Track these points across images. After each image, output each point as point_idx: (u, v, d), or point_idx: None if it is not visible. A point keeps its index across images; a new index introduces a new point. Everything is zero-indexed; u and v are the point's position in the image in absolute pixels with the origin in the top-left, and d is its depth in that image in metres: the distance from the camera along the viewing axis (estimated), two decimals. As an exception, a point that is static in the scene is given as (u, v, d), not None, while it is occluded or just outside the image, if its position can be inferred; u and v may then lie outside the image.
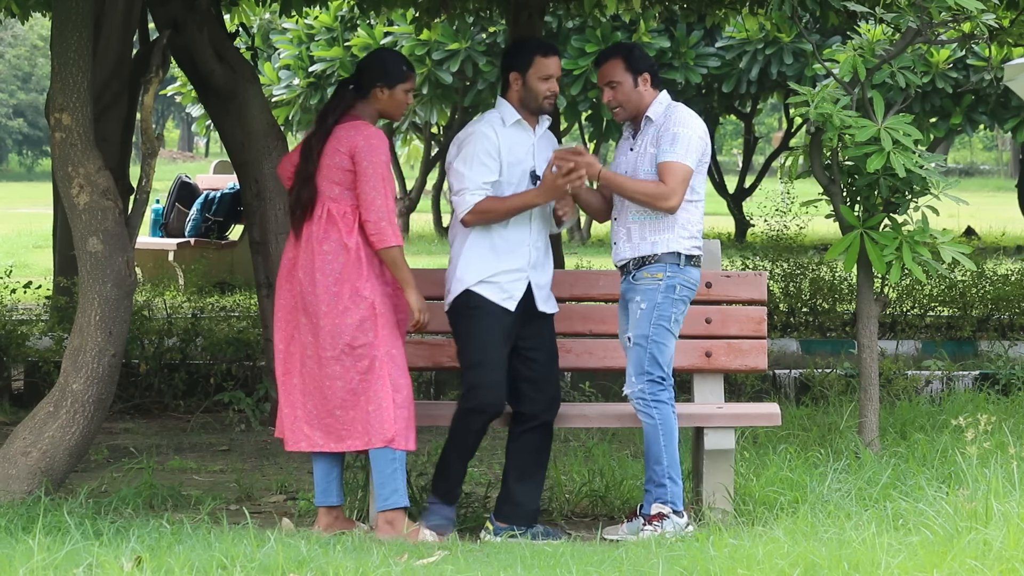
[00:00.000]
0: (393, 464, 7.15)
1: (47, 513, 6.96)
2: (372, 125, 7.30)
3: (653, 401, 7.22)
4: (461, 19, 18.80)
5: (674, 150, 7.22)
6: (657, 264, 7.27)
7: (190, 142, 72.10)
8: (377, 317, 7.17)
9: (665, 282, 7.25)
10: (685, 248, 7.28)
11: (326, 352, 7.14)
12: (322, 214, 7.22)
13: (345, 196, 7.22)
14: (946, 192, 8.08)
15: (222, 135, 10.57)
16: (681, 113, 7.32)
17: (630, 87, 7.38)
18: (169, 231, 19.35)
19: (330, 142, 7.25)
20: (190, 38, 10.12)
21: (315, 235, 7.21)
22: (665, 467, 7.20)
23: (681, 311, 7.30)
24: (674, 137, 7.24)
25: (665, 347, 7.25)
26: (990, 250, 22.95)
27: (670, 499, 7.19)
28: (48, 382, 10.47)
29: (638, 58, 7.40)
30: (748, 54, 23.41)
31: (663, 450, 7.20)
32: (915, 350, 13.14)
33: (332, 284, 7.16)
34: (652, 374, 7.23)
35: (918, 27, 8.09)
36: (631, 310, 7.30)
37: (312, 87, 24.09)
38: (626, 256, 7.33)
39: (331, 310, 7.14)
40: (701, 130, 7.30)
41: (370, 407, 7.13)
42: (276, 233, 10.26)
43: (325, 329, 7.14)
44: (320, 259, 7.18)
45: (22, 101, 58.81)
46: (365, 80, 7.36)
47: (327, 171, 7.23)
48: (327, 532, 7.18)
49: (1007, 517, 6.13)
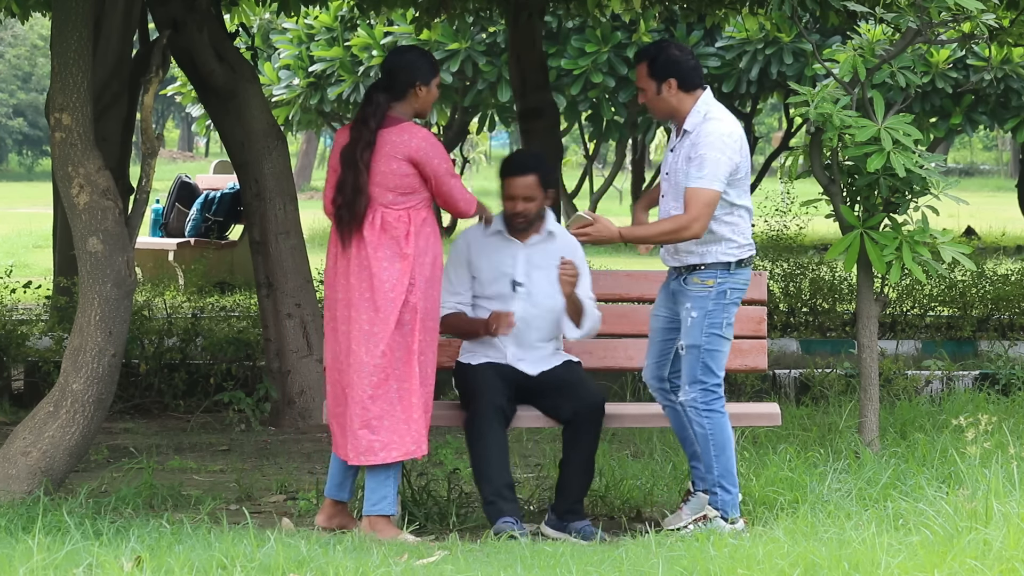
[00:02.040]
0: (387, 472, 7.15)
1: (47, 513, 6.95)
2: (416, 124, 7.28)
3: (705, 411, 7.19)
4: (461, 19, 18.80)
5: (701, 175, 7.11)
6: (708, 271, 7.21)
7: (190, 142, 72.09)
8: (416, 323, 7.15)
9: (716, 288, 7.19)
10: (734, 256, 7.23)
11: (375, 360, 7.10)
12: (375, 221, 7.16)
13: (400, 201, 7.17)
14: (946, 192, 8.08)
15: (222, 135, 10.57)
16: (712, 132, 7.16)
17: (653, 93, 7.29)
18: (169, 231, 19.35)
19: (380, 149, 7.16)
20: (190, 38, 10.13)
21: (369, 242, 7.14)
22: (716, 476, 7.18)
23: (732, 313, 7.25)
24: (701, 161, 7.12)
25: (719, 353, 7.21)
26: (990, 250, 22.95)
27: (720, 507, 7.17)
28: (48, 382, 10.47)
29: (662, 64, 7.25)
30: (748, 54, 23.40)
31: (714, 460, 7.18)
32: (915, 350, 13.14)
33: (389, 291, 7.12)
34: (706, 383, 7.18)
35: (918, 27, 8.08)
36: (682, 316, 7.24)
37: (312, 87, 24.08)
38: (675, 263, 7.30)
39: (387, 316, 7.10)
40: (731, 150, 7.14)
41: (408, 415, 7.11)
42: (276, 233, 10.27)
43: (378, 335, 7.10)
44: (377, 266, 7.12)
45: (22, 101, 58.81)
46: (401, 80, 7.26)
47: (380, 178, 7.16)
48: (327, 524, 7.20)
49: (1007, 517, 6.13)
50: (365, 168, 7.16)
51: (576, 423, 7.40)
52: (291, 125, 24.78)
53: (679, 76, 7.25)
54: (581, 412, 7.40)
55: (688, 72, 7.27)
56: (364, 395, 7.11)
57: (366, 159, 7.16)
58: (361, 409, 7.12)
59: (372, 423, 7.12)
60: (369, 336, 7.11)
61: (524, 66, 13.97)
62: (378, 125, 7.19)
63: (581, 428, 7.40)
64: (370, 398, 7.11)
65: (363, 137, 7.18)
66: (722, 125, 7.19)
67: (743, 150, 7.24)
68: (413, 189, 7.18)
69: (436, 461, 8.41)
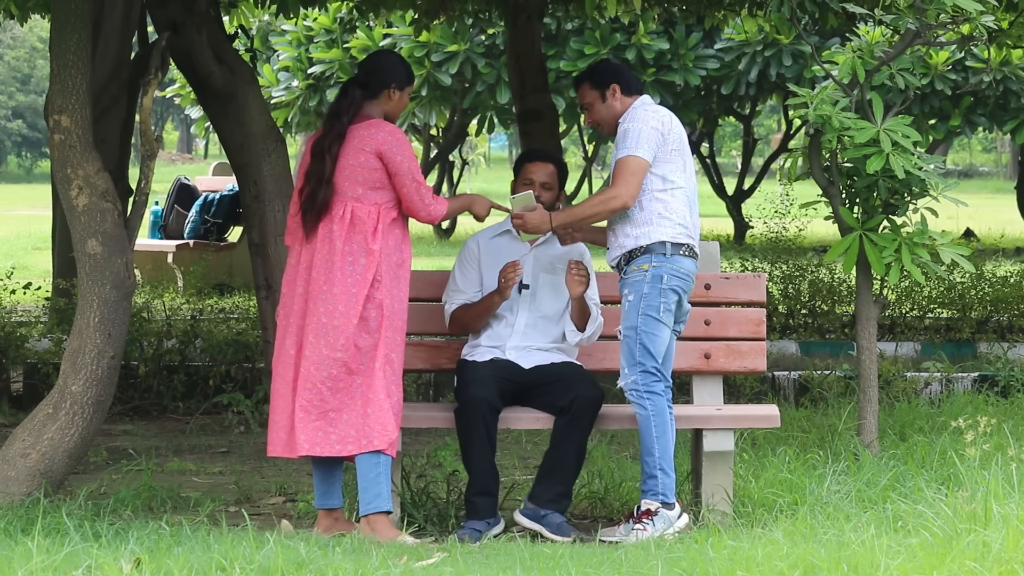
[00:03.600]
0: (377, 468, 7.15)
1: (46, 515, 6.95)
2: (384, 121, 7.32)
3: (646, 392, 7.22)
4: (460, 21, 18.80)
5: (624, 146, 7.28)
6: (644, 256, 7.28)
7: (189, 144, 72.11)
8: (383, 320, 7.17)
9: (651, 272, 7.25)
10: (670, 236, 7.28)
11: (335, 353, 7.12)
12: (344, 215, 7.20)
13: (369, 196, 7.21)
14: (945, 194, 8.08)
15: (221, 137, 10.56)
16: (635, 111, 7.38)
17: (600, 103, 7.47)
18: (168, 233, 19.35)
19: (349, 142, 7.23)
20: (189, 40, 10.12)
21: (336, 236, 7.18)
22: (657, 458, 7.19)
23: (671, 300, 7.27)
24: (624, 134, 7.31)
25: (656, 337, 7.24)
26: (989, 252, 22.95)
27: (661, 491, 7.17)
28: (47, 384, 10.47)
29: (602, 72, 7.50)
30: (747, 56, 23.42)
31: (655, 441, 7.19)
32: (914, 352, 13.15)
33: (351, 286, 7.15)
34: (644, 364, 7.22)
35: (917, 29, 8.09)
36: (622, 304, 7.33)
37: (311, 89, 24.09)
38: (615, 255, 7.37)
39: (347, 311, 7.13)
40: (655, 120, 7.30)
41: (368, 409, 7.13)
42: (275, 235, 10.26)
43: (337, 329, 7.12)
44: (341, 261, 7.16)
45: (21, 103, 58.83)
46: (375, 81, 7.34)
47: (349, 171, 7.21)
48: (326, 534, 7.18)
49: (1006, 519, 6.13)
50: (332, 160, 7.23)
51: (572, 411, 7.38)
52: (290, 127, 24.79)
53: (620, 81, 7.46)
54: (579, 400, 7.39)
55: (628, 77, 7.51)
56: (323, 387, 7.12)
57: (334, 152, 7.23)
58: (319, 400, 7.13)
59: (330, 415, 7.14)
60: (328, 329, 7.13)
61: (523, 68, 13.98)
62: (350, 120, 7.25)
63: (578, 415, 7.38)
64: (329, 390, 7.13)
65: (334, 129, 7.27)
66: (652, 108, 7.40)
67: (669, 125, 7.34)
68: (383, 184, 7.22)
69: (435, 463, 8.42)
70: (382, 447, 7.10)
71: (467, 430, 7.35)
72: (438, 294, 7.83)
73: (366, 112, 7.32)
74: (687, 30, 23.19)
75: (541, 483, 7.41)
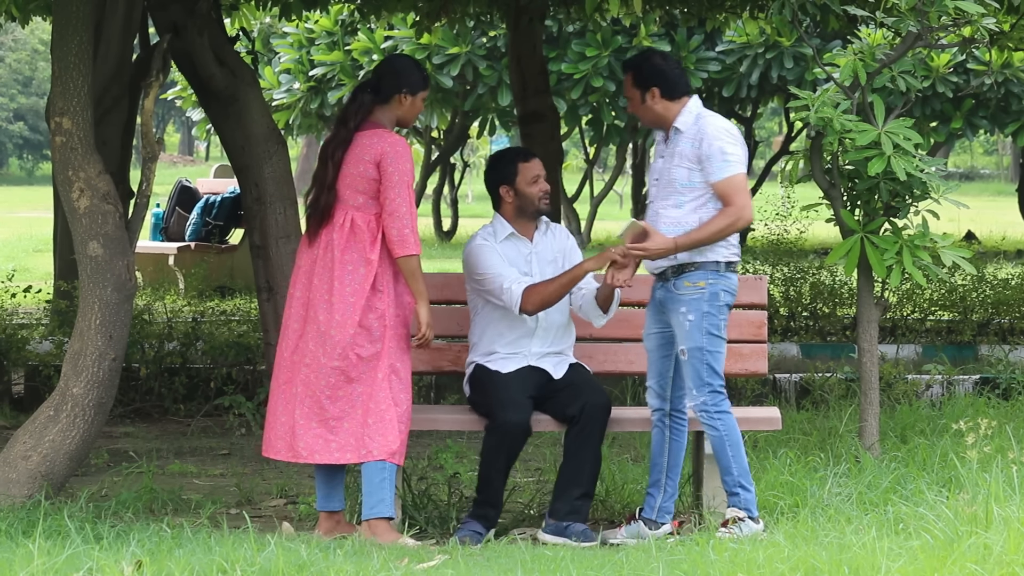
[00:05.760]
0: (382, 475, 7.15)
1: (47, 517, 6.96)
2: (393, 132, 7.28)
3: (716, 412, 7.18)
4: (461, 23, 18.80)
5: (727, 163, 7.16)
6: (698, 272, 7.21)
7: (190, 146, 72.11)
8: (386, 329, 7.15)
9: (708, 290, 7.20)
10: (724, 256, 7.25)
11: (332, 361, 7.12)
12: (344, 223, 7.18)
13: (369, 205, 7.19)
14: (946, 196, 8.08)
15: (222, 139, 10.56)
16: (714, 124, 7.24)
17: (638, 102, 7.37)
18: (169, 235, 19.35)
19: (352, 149, 7.20)
20: (190, 42, 10.12)
21: (336, 244, 7.17)
22: (736, 476, 7.17)
23: (726, 317, 7.26)
24: (719, 152, 7.16)
25: (719, 355, 7.21)
26: (990, 254, 22.94)
27: (744, 506, 7.16)
28: (48, 386, 10.46)
29: (646, 73, 7.34)
30: (748, 58, 23.40)
31: (731, 460, 7.17)
32: (915, 354, 13.14)
33: (350, 295, 7.14)
34: (712, 384, 7.18)
35: (918, 31, 8.08)
36: (677, 321, 7.23)
37: (312, 91, 24.10)
38: (664, 264, 7.28)
39: (344, 320, 7.12)
40: (737, 138, 7.25)
41: (369, 419, 7.12)
42: (276, 237, 10.26)
43: (335, 338, 7.12)
44: (340, 269, 7.15)
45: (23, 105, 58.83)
46: (387, 85, 7.29)
47: (351, 179, 7.19)
48: (328, 536, 7.18)
49: (1007, 521, 6.13)
50: (336, 166, 7.21)
51: (583, 420, 7.40)
52: (292, 129, 24.79)
53: (661, 85, 7.32)
54: (590, 408, 7.40)
55: (671, 81, 7.34)
56: (321, 395, 7.13)
57: (338, 157, 7.22)
58: (319, 408, 7.14)
59: (330, 423, 7.14)
60: (326, 337, 7.13)
61: (524, 70, 13.98)
62: (357, 126, 7.22)
63: (590, 423, 7.40)
64: (328, 398, 7.13)
65: (339, 135, 7.25)
66: (720, 119, 7.31)
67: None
68: (377, 193, 7.19)
69: (436, 465, 8.42)
70: (381, 457, 7.09)
71: (496, 449, 7.37)
72: (440, 296, 7.84)
73: (376, 118, 7.27)
74: (688, 32, 23.18)
75: (559, 498, 7.43)
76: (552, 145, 14.24)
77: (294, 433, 7.19)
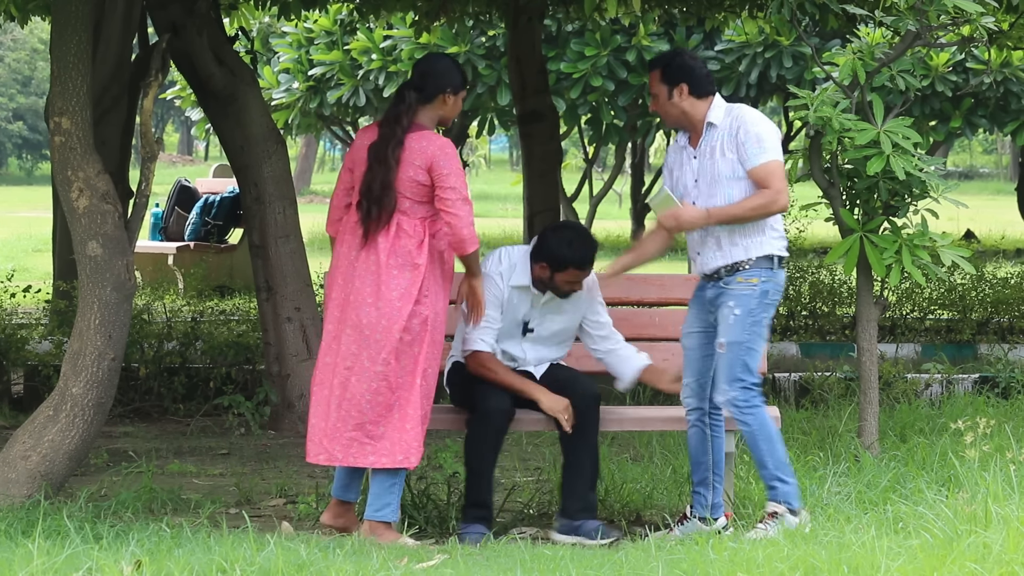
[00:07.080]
0: (393, 479, 7.16)
1: (47, 517, 6.95)
2: (437, 133, 7.26)
3: (747, 408, 7.16)
4: (460, 23, 18.80)
5: (764, 150, 7.16)
6: (752, 269, 7.19)
7: (190, 146, 72.10)
8: (427, 332, 7.14)
9: (760, 287, 7.18)
10: (777, 250, 7.24)
11: (376, 366, 7.08)
12: (391, 227, 7.12)
13: (415, 209, 7.14)
14: (945, 195, 8.08)
15: (221, 139, 10.57)
16: (749, 113, 7.27)
17: (664, 98, 7.35)
18: (169, 235, 19.36)
19: (403, 152, 7.15)
20: (189, 42, 10.13)
21: (382, 247, 7.11)
22: (771, 470, 7.15)
23: (770, 315, 7.26)
24: (757, 139, 7.17)
25: (757, 353, 7.19)
26: (989, 253, 22.96)
27: (783, 499, 7.13)
28: (48, 386, 10.46)
29: (675, 69, 7.34)
30: (747, 57, 23.38)
31: (765, 455, 7.15)
32: (915, 353, 13.15)
33: (396, 299, 7.09)
34: (744, 381, 7.16)
35: (917, 30, 8.09)
36: (722, 315, 7.21)
37: (311, 91, 24.08)
38: (717, 264, 7.25)
39: (390, 324, 7.08)
40: (773, 126, 7.26)
41: (408, 425, 7.10)
42: (276, 237, 10.27)
43: (380, 342, 7.08)
44: (387, 274, 7.09)
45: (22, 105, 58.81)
46: (431, 85, 7.24)
47: (399, 184, 7.12)
48: (331, 522, 7.21)
49: (1007, 520, 6.13)
50: (396, 164, 7.12)
51: (575, 414, 7.41)
52: (291, 129, 24.77)
53: (691, 82, 7.31)
54: (579, 400, 7.41)
55: (699, 78, 7.34)
56: (363, 399, 7.10)
57: (396, 156, 7.13)
58: (358, 412, 7.11)
59: (367, 427, 7.11)
60: (370, 341, 7.09)
61: (524, 70, 13.98)
62: (409, 124, 7.17)
63: (582, 416, 7.41)
64: (368, 403, 7.10)
65: (395, 135, 7.14)
66: (752, 109, 7.32)
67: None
68: (428, 198, 7.15)
69: (435, 465, 8.41)
70: (411, 466, 7.12)
71: (481, 438, 7.39)
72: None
73: (419, 120, 7.22)
74: (687, 32, 23.16)
75: (568, 497, 7.44)
76: (551, 144, 14.25)
77: (330, 435, 7.16)
